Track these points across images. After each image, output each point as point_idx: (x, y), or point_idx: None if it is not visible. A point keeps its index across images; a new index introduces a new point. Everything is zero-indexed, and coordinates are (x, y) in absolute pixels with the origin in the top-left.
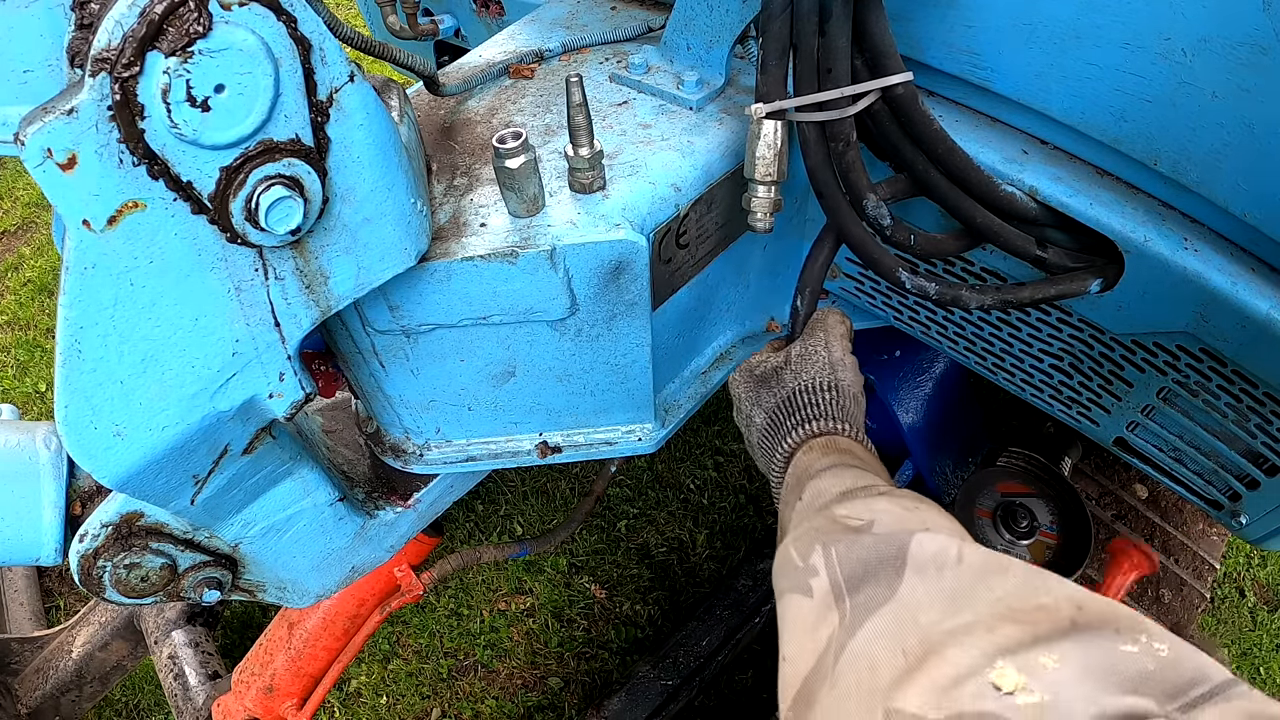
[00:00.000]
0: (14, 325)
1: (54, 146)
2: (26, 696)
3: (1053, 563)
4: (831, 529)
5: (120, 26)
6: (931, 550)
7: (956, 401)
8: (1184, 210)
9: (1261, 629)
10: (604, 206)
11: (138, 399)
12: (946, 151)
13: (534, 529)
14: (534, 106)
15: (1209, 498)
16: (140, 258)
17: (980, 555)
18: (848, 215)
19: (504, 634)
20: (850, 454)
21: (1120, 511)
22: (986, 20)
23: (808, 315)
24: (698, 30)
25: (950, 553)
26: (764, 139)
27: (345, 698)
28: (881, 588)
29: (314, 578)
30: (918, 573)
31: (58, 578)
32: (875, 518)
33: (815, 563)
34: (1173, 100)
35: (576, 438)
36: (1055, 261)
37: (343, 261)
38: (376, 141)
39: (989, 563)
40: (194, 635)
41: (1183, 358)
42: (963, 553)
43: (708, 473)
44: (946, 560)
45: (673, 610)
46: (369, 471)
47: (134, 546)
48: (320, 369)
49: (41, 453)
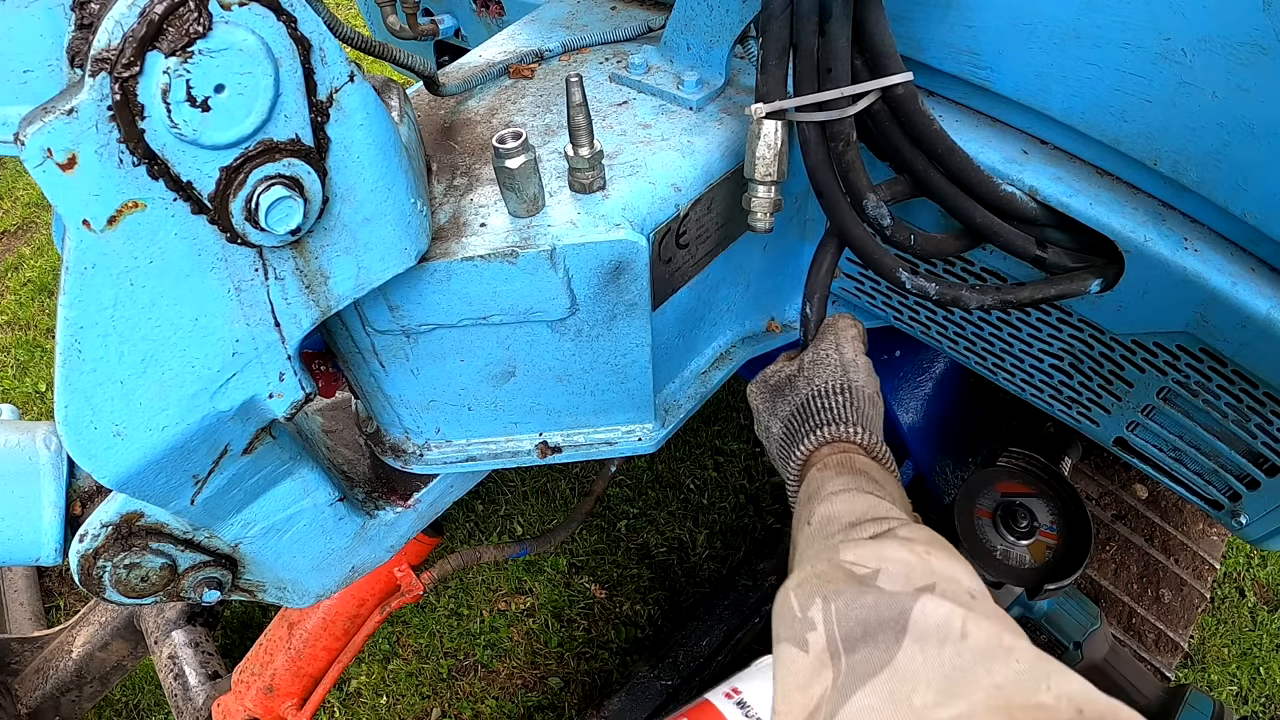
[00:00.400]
0: (14, 325)
1: (54, 146)
2: (26, 696)
3: (1053, 563)
4: (834, 577)
5: (120, 26)
6: (935, 620)
7: (956, 401)
8: (1184, 210)
9: (1261, 629)
10: (604, 206)
11: (138, 399)
12: (946, 151)
13: (534, 529)
14: (534, 106)
15: (1209, 498)
16: (140, 258)
17: (985, 632)
18: (848, 215)
19: (504, 634)
20: (865, 475)
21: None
22: (986, 20)
23: (818, 321)
24: (698, 30)
25: (954, 626)
26: (764, 139)
27: (345, 698)
28: (879, 651)
29: (314, 578)
30: (918, 641)
31: (58, 578)
32: (882, 566)
33: (814, 616)
34: (1173, 100)
35: (576, 438)
36: (1055, 261)
37: (343, 261)
38: (376, 141)
39: (993, 642)
40: (194, 635)
41: (1183, 358)
42: (967, 627)
43: (708, 473)
44: (949, 634)
45: (673, 610)
46: (369, 471)
47: (134, 546)
48: (320, 369)
49: (41, 453)
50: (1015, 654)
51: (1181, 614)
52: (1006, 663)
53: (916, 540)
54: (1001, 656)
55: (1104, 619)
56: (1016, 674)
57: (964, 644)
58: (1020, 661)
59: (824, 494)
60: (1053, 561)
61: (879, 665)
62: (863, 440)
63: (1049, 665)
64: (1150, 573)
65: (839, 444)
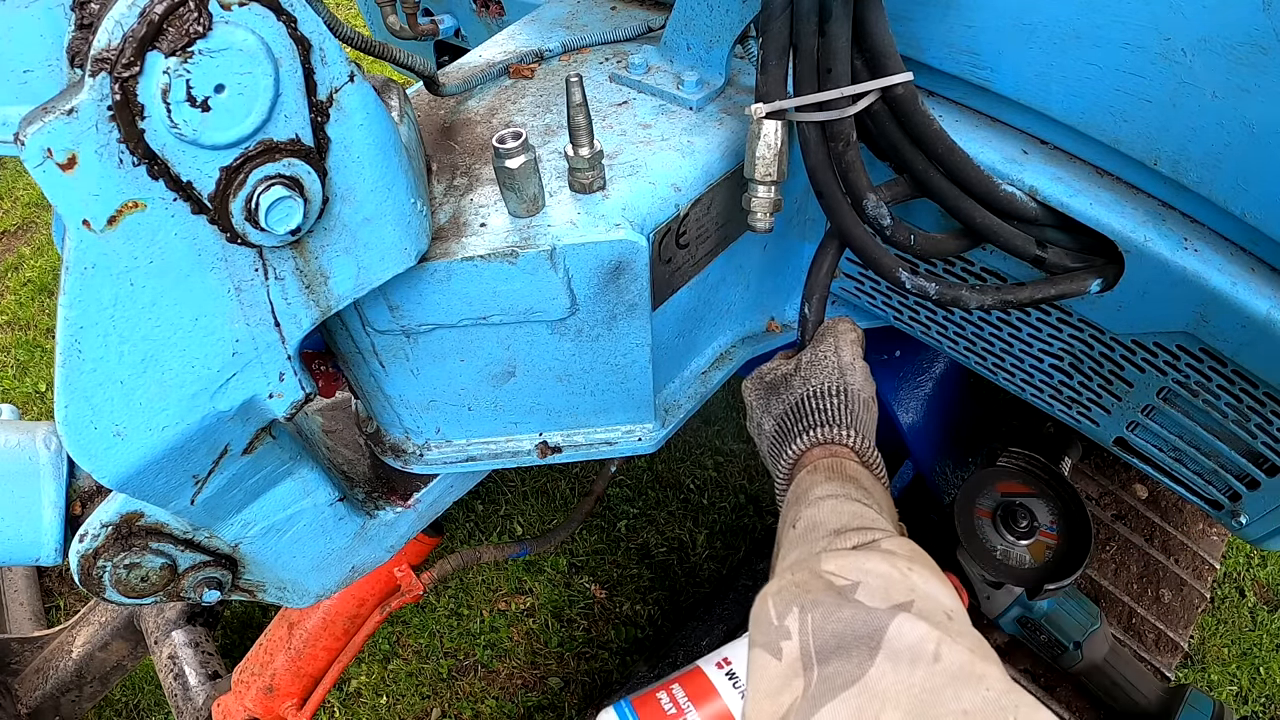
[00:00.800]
0: (14, 325)
1: (54, 146)
2: (26, 696)
3: (1053, 562)
4: (813, 587)
5: (120, 26)
6: (910, 640)
7: (956, 401)
8: (1184, 210)
9: (1261, 629)
10: (604, 206)
11: (138, 399)
12: (946, 151)
13: (534, 529)
14: (534, 106)
15: (1209, 498)
16: (140, 258)
17: (959, 657)
18: (848, 215)
19: (504, 634)
20: (855, 482)
21: (1120, 511)
22: (986, 20)
23: (816, 322)
24: (698, 30)
25: (928, 648)
26: (764, 139)
27: (345, 698)
28: (851, 665)
29: (314, 578)
30: (890, 659)
31: (58, 578)
32: (863, 580)
33: (790, 625)
34: (1173, 100)
35: (576, 438)
36: (1055, 261)
37: (343, 261)
38: (376, 141)
39: (965, 668)
40: (194, 635)
41: (1183, 358)
42: (940, 650)
43: (708, 473)
44: (922, 655)
45: (673, 610)
46: (369, 471)
47: (134, 546)
48: (320, 369)
49: (41, 453)
50: (986, 682)
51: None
52: (977, 690)
53: (899, 554)
54: (972, 683)
55: (1104, 619)
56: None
57: (936, 666)
58: (990, 690)
59: (811, 498)
60: (1053, 561)
61: (850, 680)
62: (855, 444)
63: (1019, 696)
64: (1150, 573)
65: (831, 446)
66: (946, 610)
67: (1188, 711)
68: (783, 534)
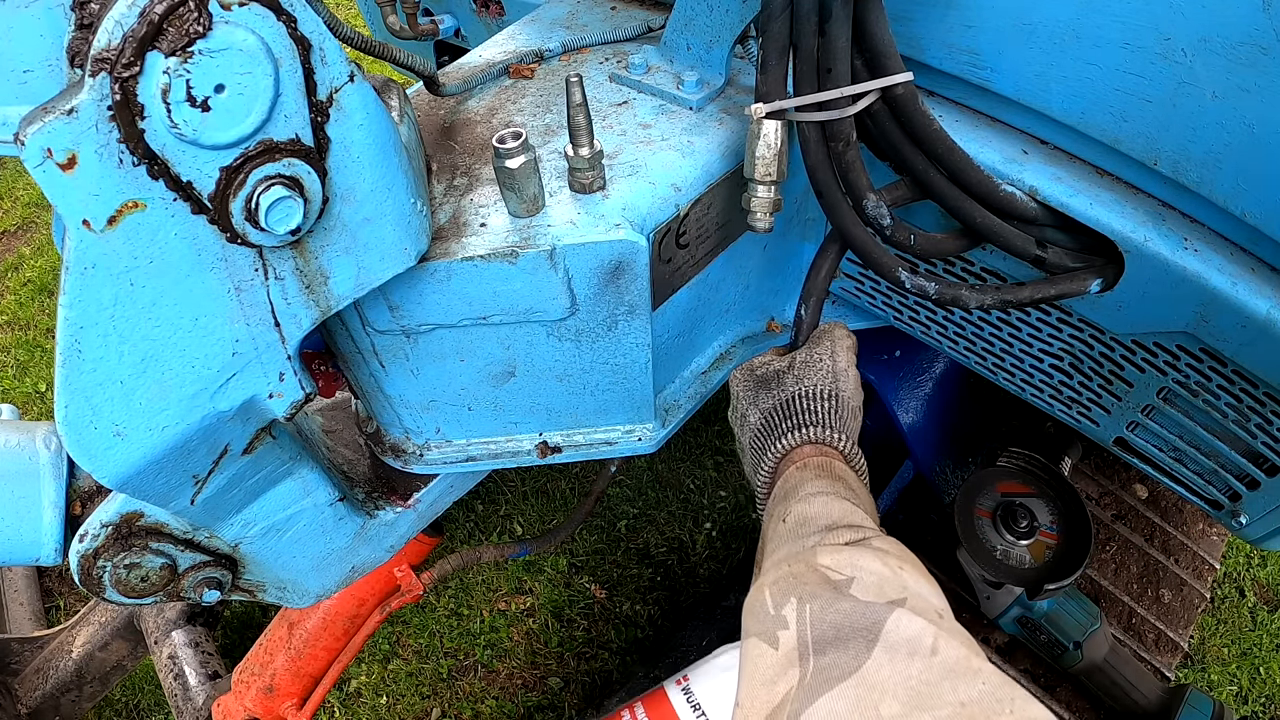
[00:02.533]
0: (14, 325)
1: (54, 146)
2: (26, 696)
3: (1053, 562)
4: (810, 579)
5: (120, 26)
6: (907, 634)
7: (956, 401)
8: (1184, 210)
9: (1261, 629)
10: (604, 206)
11: (138, 399)
12: (946, 151)
13: (534, 529)
14: (534, 106)
15: (1209, 498)
16: (140, 258)
17: (954, 651)
18: (848, 215)
19: (504, 634)
20: (843, 482)
21: (1120, 511)
22: (986, 20)
23: (812, 324)
24: (698, 30)
25: (925, 641)
26: (764, 139)
27: (345, 698)
28: (848, 656)
29: (314, 578)
30: (888, 651)
31: (58, 578)
32: (857, 575)
33: (787, 614)
34: (1173, 100)
35: (576, 438)
36: (1055, 261)
37: (343, 261)
38: (376, 141)
39: (961, 662)
40: (194, 635)
41: (1183, 358)
42: (937, 644)
43: (708, 473)
44: (919, 648)
45: (673, 610)
46: (369, 471)
47: (134, 546)
48: (320, 369)
49: (41, 453)
50: (982, 676)
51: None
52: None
53: (890, 553)
54: (969, 676)
55: (1104, 619)
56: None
57: (933, 660)
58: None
59: (802, 494)
60: (1053, 561)
61: (847, 671)
62: (844, 448)
63: (1013, 690)
64: (1150, 573)
65: (820, 446)
66: (937, 609)
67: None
68: (771, 528)
